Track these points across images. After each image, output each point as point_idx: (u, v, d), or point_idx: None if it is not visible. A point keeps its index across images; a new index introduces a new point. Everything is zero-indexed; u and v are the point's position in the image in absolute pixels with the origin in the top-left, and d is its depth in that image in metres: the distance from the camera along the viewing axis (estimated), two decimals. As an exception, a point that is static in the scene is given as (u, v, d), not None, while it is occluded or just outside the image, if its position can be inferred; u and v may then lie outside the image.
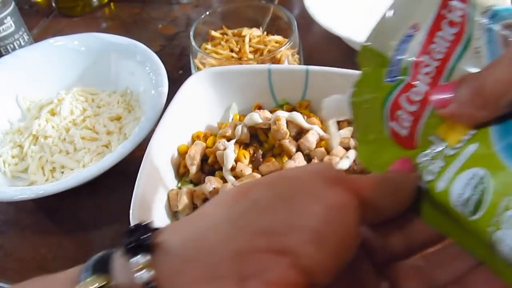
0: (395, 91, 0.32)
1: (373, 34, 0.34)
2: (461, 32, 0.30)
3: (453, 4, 0.30)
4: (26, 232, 0.64)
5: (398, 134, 0.33)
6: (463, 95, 0.27)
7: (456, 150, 0.29)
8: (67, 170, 0.66)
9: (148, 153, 0.55)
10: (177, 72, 0.83)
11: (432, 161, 0.30)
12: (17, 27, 0.81)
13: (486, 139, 0.27)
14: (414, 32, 0.32)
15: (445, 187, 0.28)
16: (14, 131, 0.72)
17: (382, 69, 0.34)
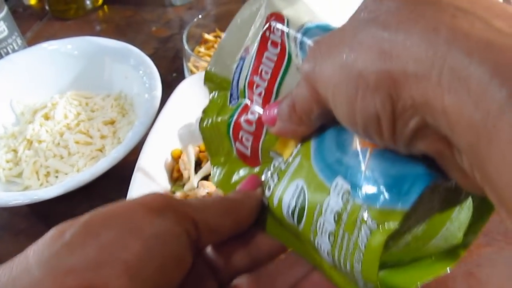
0: (236, 113, 0.34)
1: (214, 59, 0.36)
2: (283, 51, 0.31)
3: (273, 24, 0.32)
4: (20, 237, 0.64)
5: (243, 153, 0.34)
6: (283, 112, 0.29)
7: (286, 164, 0.30)
8: (61, 174, 0.66)
9: (141, 157, 0.55)
10: (171, 75, 0.84)
11: (271, 177, 0.31)
12: (10, 32, 0.81)
13: (307, 151, 0.29)
14: (245, 55, 0.34)
15: (279, 200, 0.30)
16: (8, 135, 0.72)
17: (226, 92, 0.35)
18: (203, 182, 0.55)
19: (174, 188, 0.58)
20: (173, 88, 0.63)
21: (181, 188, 0.58)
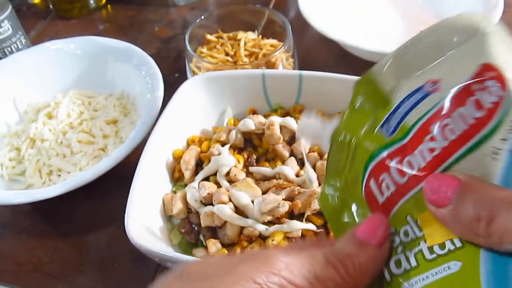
0: (387, 150, 0.28)
1: (387, 63, 0.29)
2: (486, 121, 0.25)
3: (489, 84, 0.25)
4: (22, 235, 0.65)
5: (374, 197, 0.28)
6: (466, 213, 0.23)
7: (434, 256, 0.25)
8: (64, 173, 0.66)
9: (143, 157, 0.56)
10: (173, 75, 0.84)
11: (405, 250, 0.26)
12: (15, 31, 0.82)
13: (473, 263, 0.23)
14: (432, 90, 0.27)
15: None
16: (12, 134, 0.73)
17: (378, 112, 0.29)
18: (204, 183, 0.55)
19: (175, 188, 0.59)
20: (175, 89, 0.63)
21: (182, 188, 0.58)
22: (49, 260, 0.61)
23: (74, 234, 0.64)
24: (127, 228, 0.49)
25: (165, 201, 0.57)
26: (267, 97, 0.65)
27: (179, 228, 0.55)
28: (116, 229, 0.63)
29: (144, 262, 0.59)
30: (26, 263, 0.61)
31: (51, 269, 0.60)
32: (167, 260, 0.48)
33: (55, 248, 0.62)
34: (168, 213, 0.57)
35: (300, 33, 0.85)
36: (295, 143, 0.58)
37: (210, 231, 0.53)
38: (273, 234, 0.50)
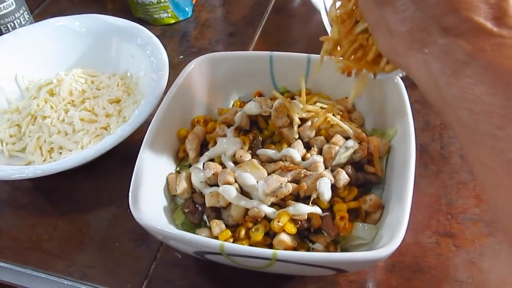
0: None
1: None
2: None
3: None
4: (22, 212, 0.64)
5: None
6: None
7: None
8: (65, 151, 0.66)
9: (148, 135, 0.55)
10: (178, 57, 0.83)
11: None
12: (18, 6, 0.80)
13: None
14: None
15: None
16: (12, 110, 0.72)
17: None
18: (209, 164, 0.55)
19: (180, 167, 0.58)
20: (179, 70, 0.63)
21: (186, 168, 0.58)
22: (49, 238, 0.60)
23: (74, 213, 0.63)
24: (131, 205, 0.48)
25: (169, 180, 0.56)
26: (274, 80, 0.65)
27: (183, 208, 0.54)
28: (117, 208, 0.62)
29: (145, 242, 0.58)
30: (25, 240, 0.60)
31: (51, 247, 0.60)
32: (170, 238, 0.48)
33: (55, 226, 0.61)
34: (172, 193, 0.56)
35: (306, 20, 0.84)
36: (302, 126, 0.57)
37: (214, 212, 0.52)
38: (279, 215, 0.49)
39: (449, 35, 0.30)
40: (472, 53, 0.29)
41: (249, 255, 0.44)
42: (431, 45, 0.31)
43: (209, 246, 0.45)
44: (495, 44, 0.29)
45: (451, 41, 0.30)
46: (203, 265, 0.56)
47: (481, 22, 0.29)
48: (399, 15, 0.33)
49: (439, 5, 0.31)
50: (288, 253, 0.44)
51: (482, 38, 0.29)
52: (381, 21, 0.34)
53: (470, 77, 0.29)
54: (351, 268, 0.49)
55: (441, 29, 0.30)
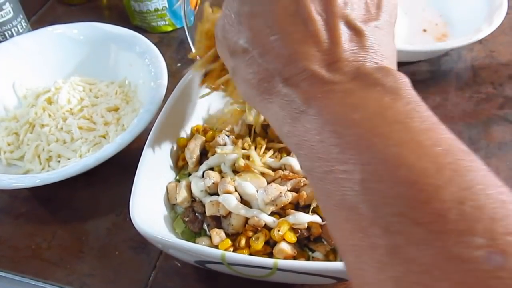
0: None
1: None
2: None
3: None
4: (21, 220, 0.64)
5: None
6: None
7: None
8: (63, 159, 0.66)
9: (147, 145, 0.55)
10: (175, 65, 0.83)
11: None
12: (16, 14, 0.80)
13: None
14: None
15: None
16: (10, 118, 0.72)
17: None
18: (209, 173, 0.55)
19: (179, 176, 0.58)
20: (177, 78, 0.63)
21: (186, 177, 0.58)
22: (48, 247, 0.60)
23: (73, 221, 0.63)
24: (131, 213, 0.48)
25: (169, 189, 0.56)
26: (273, 89, 0.65)
27: (183, 217, 0.54)
28: (116, 217, 0.62)
29: (145, 251, 0.58)
30: (24, 249, 0.60)
31: (50, 255, 0.60)
32: (170, 247, 0.48)
33: (54, 235, 0.61)
34: (172, 202, 0.56)
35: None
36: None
37: (215, 220, 0.52)
38: (279, 224, 0.49)
39: (289, 85, 0.32)
40: (306, 101, 0.30)
41: (250, 265, 0.45)
42: (276, 95, 0.33)
43: (210, 256, 0.45)
44: (326, 91, 0.30)
45: (291, 91, 0.31)
46: (203, 274, 0.56)
47: (315, 70, 0.31)
48: (248, 67, 0.34)
49: (280, 58, 0.32)
50: (289, 262, 0.45)
51: (316, 86, 0.30)
52: (236, 70, 0.36)
53: (304, 126, 0.30)
54: (351, 276, 0.49)
55: (283, 80, 0.32)
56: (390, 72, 0.30)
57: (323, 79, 0.30)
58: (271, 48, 0.33)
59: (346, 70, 0.30)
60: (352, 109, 0.28)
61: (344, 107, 0.29)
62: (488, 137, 0.69)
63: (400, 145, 0.26)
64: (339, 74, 0.30)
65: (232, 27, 0.35)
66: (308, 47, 0.31)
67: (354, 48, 0.31)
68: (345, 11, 0.32)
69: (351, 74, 0.30)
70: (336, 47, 0.31)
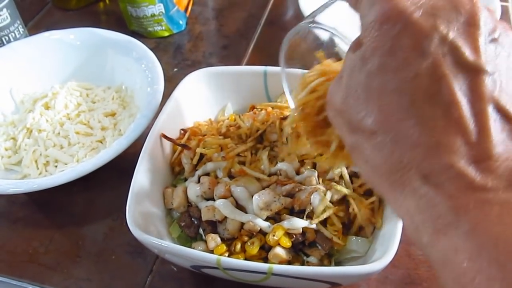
0: None
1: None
2: None
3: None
4: (18, 225, 0.64)
5: None
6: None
7: None
8: (60, 164, 0.66)
9: (144, 150, 0.56)
10: (172, 70, 0.84)
11: None
12: (13, 19, 0.81)
13: None
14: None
15: None
16: (8, 123, 0.72)
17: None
18: (204, 178, 0.55)
19: (175, 181, 0.58)
20: (173, 83, 0.63)
21: (182, 182, 0.58)
22: (45, 251, 0.61)
23: (70, 226, 0.63)
24: (128, 218, 0.49)
25: (165, 194, 0.57)
26: (268, 94, 0.65)
27: (179, 222, 0.55)
28: (113, 221, 0.63)
29: (141, 255, 0.59)
30: (21, 254, 0.61)
31: (47, 260, 0.60)
32: (166, 252, 0.48)
33: (51, 239, 0.62)
34: (168, 206, 0.57)
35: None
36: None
37: (210, 225, 0.53)
38: (274, 229, 0.50)
39: (429, 183, 0.27)
40: (455, 211, 0.26)
41: (245, 270, 0.45)
42: (412, 192, 0.28)
43: (206, 261, 0.46)
44: (479, 200, 0.25)
45: (432, 192, 0.27)
46: (199, 278, 0.57)
47: (462, 169, 0.26)
48: (376, 152, 0.29)
49: (419, 148, 0.27)
50: (283, 267, 0.45)
51: (465, 191, 0.26)
52: (358, 149, 0.31)
53: (452, 243, 0.25)
54: (345, 281, 0.50)
55: (422, 176, 0.27)
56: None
57: (473, 183, 0.26)
58: (406, 136, 0.28)
59: (500, 173, 0.26)
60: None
61: (506, 229, 0.24)
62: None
63: None
64: (492, 177, 0.26)
65: (357, 101, 0.30)
66: (453, 138, 0.27)
67: (506, 141, 0.26)
68: (494, 92, 0.27)
69: (508, 179, 0.25)
70: (486, 138, 0.26)
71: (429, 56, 0.27)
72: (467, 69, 0.27)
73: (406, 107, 0.28)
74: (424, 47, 0.28)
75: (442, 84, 0.27)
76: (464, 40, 0.28)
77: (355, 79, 0.30)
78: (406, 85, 0.28)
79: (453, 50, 0.27)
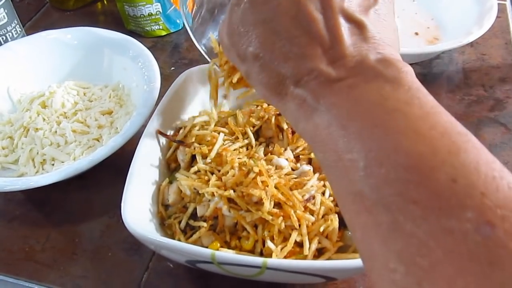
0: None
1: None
2: None
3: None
4: (14, 223, 0.64)
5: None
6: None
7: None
8: (57, 162, 0.66)
9: (140, 147, 0.56)
10: (169, 69, 0.84)
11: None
12: (10, 19, 0.81)
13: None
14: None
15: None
16: (5, 122, 0.72)
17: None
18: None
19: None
20: (170, 81, 0.63)
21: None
22: (41, 249, 0.61)
23: (67, 223, 0.63)
24: (124, 215, 0.49)
25: (161, 191, 0.57)
26: (264, 91, 0.65)
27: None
28: (110, 219, 0.63)
29: (138, 252, 0.59)
30: (18, 251, 0.61)
31: (43, 257, 0.60)
32: (162, 248, 0.48)
33: (47, 237, 0.62)
34: (164, 203, 0.56)
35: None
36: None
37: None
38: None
39: (300, 86, 0.34)
40: (317, 100, 0.32)
41: (239, 264, 0.45)
42: (290, 96, 0.35)
43: (201, 255, 0.46)
44: (333, 88, 0.32)
45: (302, 91, 0.34)
46: (195, 274, 0.57)
47: (322, 70, 0.33)
48: (261, 72, 0.36)
49: (290, 61, 0.34)
50: (278, 261, 0.45)
51: (324, 84, 0.32)
52: (249, 74, 0.38)
53: (315, 122, 0.32)
54: (341, 275, 0.50)
55: (294, 82, 0.34)
56: (392, 63, 0.32)
57: (330, 77, 0.32)
58: (280, 53, 0.34)
59: (350, 66, 0.32)
60: (356, 103, 0.31)
61: (348, 102, 0.31)
62: (479, 139, 0.70)
63: (398, 132, 0.28)
64: (344, 70, 0.32)
65: (239, 36, 0.37)
66: (313, 48, 0.33)
67: (356, 42, 0.33)
68: (343, 4, 0.33)
69: (355, 70, 0.32)
70: (339, 44, 0.33)
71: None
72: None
73: (276, 31, 0.34)
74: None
75: (300, 7, 0.34)
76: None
77: (235, 17, 0.38)
78: (273, 13, 0.35)
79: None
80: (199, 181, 0.54)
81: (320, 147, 0.32)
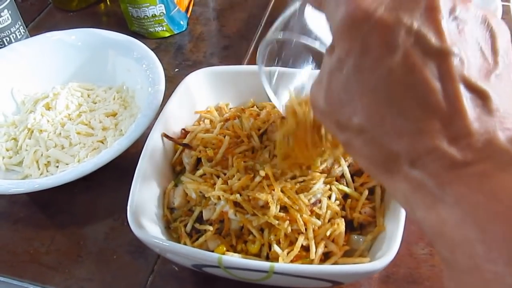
0: None
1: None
2: None
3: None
4: (19, 225, 0.64)
5: None
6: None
7: None
8: (62, 164, 0.66)
9: (145, 149, 0.56)
10: (173, 70, 0.84)
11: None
12: (14, 20, 0.81)
13: None
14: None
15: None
16: (9, 124, 0.72)
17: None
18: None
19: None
20: (174, 83, 0.63)
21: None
22: (46, 251, 0.61)
23: (71, 226, 0.63)
24: (129, 218, 0.49)
25: (166, 194, 0.57)
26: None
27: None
28: (114, 221, 0.63)
29: (143, 255, 0.59)
30: (22, 254, 0.61)
31: (48, 260, 0.60)
32: (167, 251, 0.48)
33: (52, 239, 0.62)
34: (170, 206, 0.56)
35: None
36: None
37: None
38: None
39: (417, 167, 0.29)
40: (441, 187, 0.28)
41: (246, 268, 0.45)
42: (404, 177, 0.30)
43: (207, 259, 0.46)
44: (460, 174, 0.28)
45: (420, 174, 0.29)
46: (200, 278, 0.57)
47: (444, 149, 0.28)
48: (367, 146, 0.32)
49: (404, 137, 0.30)
50: (285, 265, 0.45)
51: (448, 168, 0.28)
52: (351, 145, 0.33)
53: (441, 216, 0.28)
54: (347, 280, 0.50)
55: (410, 162, 0.30)
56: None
57: (454, 160, 0.28)
58: (391, 128, 0.30)
59: (477, 147, 0.27)
60: (494, 198, 0.26)
61: (484, 196, 0.26)
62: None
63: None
64: (470, 152, 0.28)
65: (340, 104, 0.32)
66: (431, 123, 0.28)
67: (480, 116, 0.28)
68: (463, 71, 0.28)
69: (484, 152, 0.27)
70: (462, 119, 0.28)
71: (399, 50, 0.29)
72: (435, 54, 0.28)
73: (386, 103, 0.30)
74: (392, 42, 0.29)
75: (415, 74, 0.29)
76: (427, 26, 0.29)
77: (335, 82, 0.32)
78: (383, 82, 0.30)
79: (419, 39, 0.29)
80: (205, 184, 0.54)
81: (448, 246, 0.27)
